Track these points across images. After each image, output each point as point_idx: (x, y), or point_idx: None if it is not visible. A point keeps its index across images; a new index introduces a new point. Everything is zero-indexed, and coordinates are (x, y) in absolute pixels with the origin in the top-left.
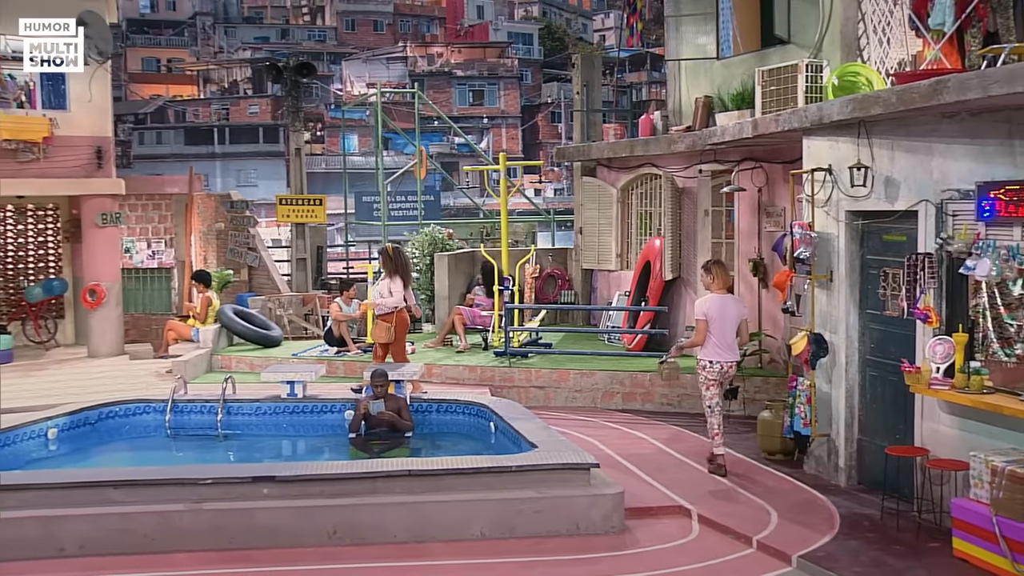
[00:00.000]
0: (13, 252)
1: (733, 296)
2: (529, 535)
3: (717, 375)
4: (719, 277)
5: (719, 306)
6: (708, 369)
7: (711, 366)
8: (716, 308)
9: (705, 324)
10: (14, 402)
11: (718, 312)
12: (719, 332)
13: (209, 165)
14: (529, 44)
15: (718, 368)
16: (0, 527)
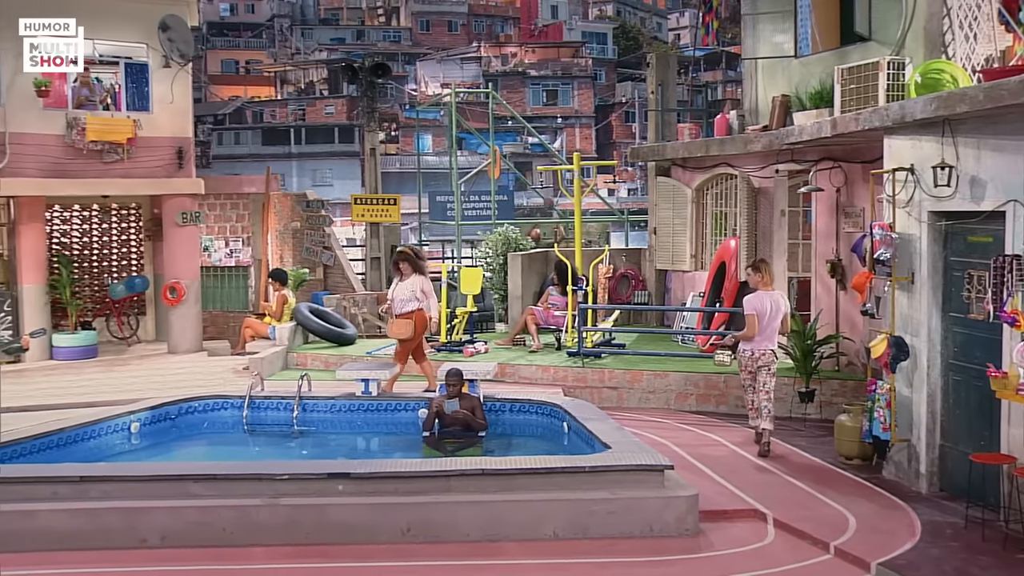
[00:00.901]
0: (98, 250)
1: (779, 292)
2: (602, 536)
3: (748, 361)
4: (767, 275)
5: (768, 302)
6: (741, 355)
7: (744, 353)
8: (766, 304)
9: (756, 319)
10: (98, 396)
11: (767, 308)
12: (766, 325)
13: (286, 165)
14: (603, 44)
15: (749, 355)
16: (85, 517)
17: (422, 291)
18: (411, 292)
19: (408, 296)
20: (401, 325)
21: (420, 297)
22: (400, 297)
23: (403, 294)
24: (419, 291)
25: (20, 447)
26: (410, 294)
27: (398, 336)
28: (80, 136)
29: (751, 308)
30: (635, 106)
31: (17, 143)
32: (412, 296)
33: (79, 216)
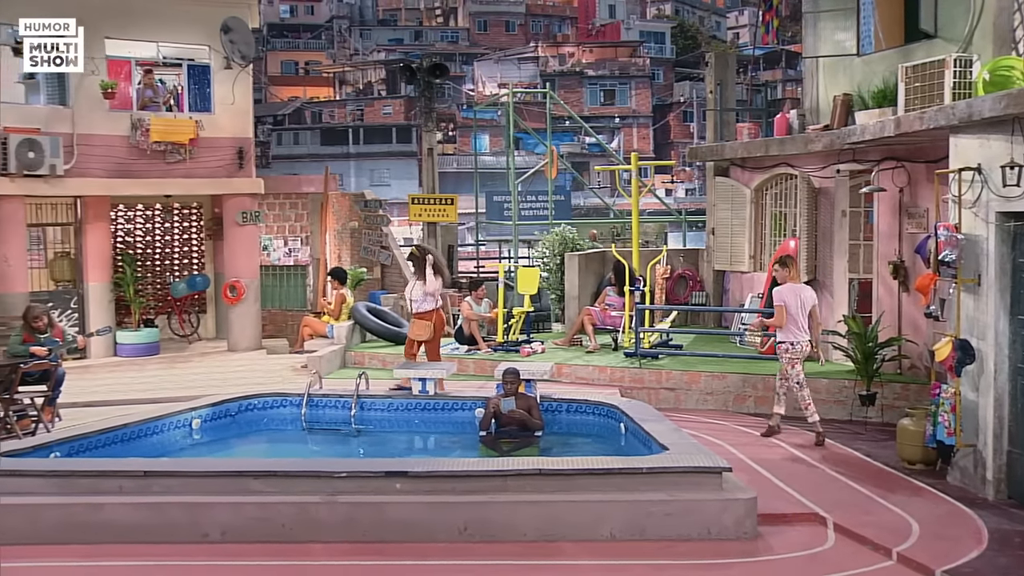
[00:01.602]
0: (160, 249)
1: (805, 285)
2: (659, 538)
3: (799, 354)
4: (793, 269)
5: (794, 294)
6: (791, 351)
7: (793, 347)
8: (792, 296)
9: (784, 309)
10: (160, 392)
11: (794, 299)
12: (795, 316)
13: (344, 165)
14: (661, 43)
15: (799, 348)
16: (148, 511)
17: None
18: (424, 292)
19: (421, 296)
20: (420, 326)
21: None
22: (415, 297)
23: (416, 294)
24: (433, 292)
25: (86, 441)
26: (422, 294)
27: (418, 337)
28: (144, 137)
29: (779, 299)
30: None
31: (84, 144)
32: (425, 296)
33: (142, 215)
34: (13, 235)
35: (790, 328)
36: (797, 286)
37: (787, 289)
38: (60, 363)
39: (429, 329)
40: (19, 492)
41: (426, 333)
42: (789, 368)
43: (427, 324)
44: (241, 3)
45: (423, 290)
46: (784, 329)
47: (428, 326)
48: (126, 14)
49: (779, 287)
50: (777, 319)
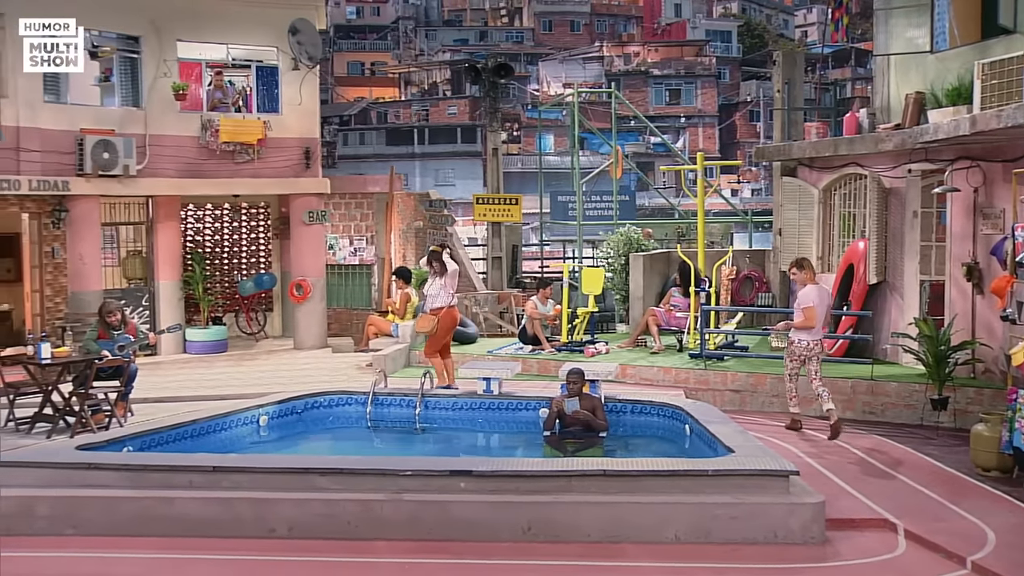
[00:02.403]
0: (228, 248)
1: (823, 286)
2: (725, 541)
3: (803, 351)
4: (810, 270)
5: (820, 295)
6: (796, 345)
7: (799, 343)
8: (818, 296)
9: (814, 310)
10: (228, 389)
11: (819, 299)
12: (819, 317)
13: (409, 165)
14: (728, 42)
15: (805, 344)
16: (218, 506)
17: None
18: (439, 289)
19: (436, 292)
20: (426, 320)
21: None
22: (431, 293)
23: (435, 291)
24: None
25: (157, 436)
26: (440, 290)
27: (422, 331)
28: (214, 137)
29: (809, 301)
30: (760, 105)
31: (156, 144)
32: (439, 292)
33: (211, 215)
34: (88, 234)
35: (816, 328)
36: (819, 287)
37: (813, 290)
38: (132, 360)
39: (433, 324)
40: (95, 485)
41: (429, 327)
42: (791, 361)
43: (432, 319)
44: (308, 5)
45: (440, 284)
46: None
47: (432, 320)
48: (197, 17)
49: (806, 289)
50: (808, 320)
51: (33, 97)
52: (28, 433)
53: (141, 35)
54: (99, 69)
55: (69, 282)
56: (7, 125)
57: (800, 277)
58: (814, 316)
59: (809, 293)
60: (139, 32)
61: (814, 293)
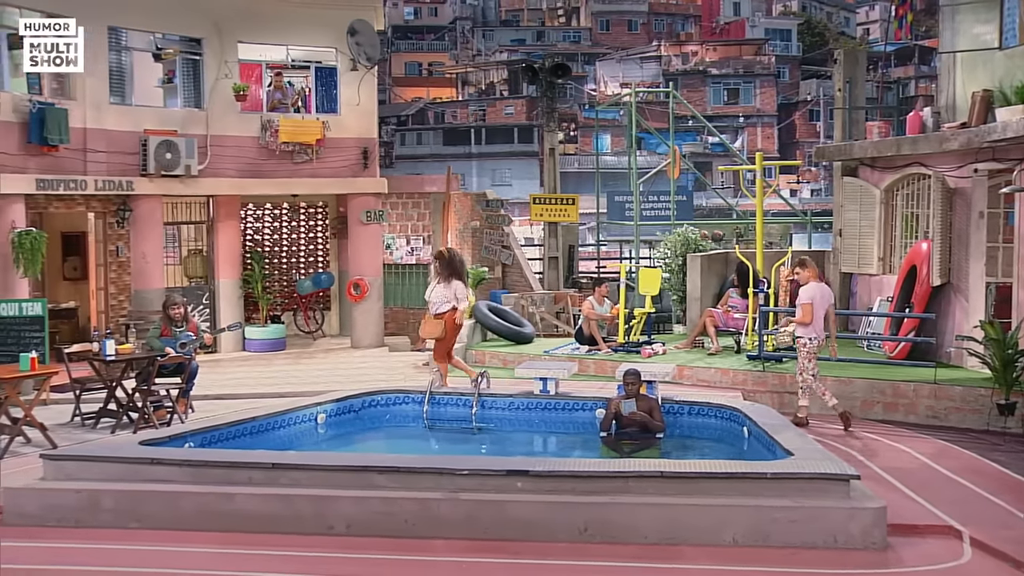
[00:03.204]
0: (287, 247)
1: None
2: (784, 544)
3: (817, 348)
4: (812, 269)
5: (819, 292)
6: (809, 345)
7: (811, 342)
8: (818, 294)
9: (811, 307)
10: (286, 387)
11: (819, 297)
12: (818, 313)
13: (466, 165)
14: (787, 40)
15: (816, 343)
16: (277, 503)
17: (456, 296)
18: (443, 296)
19: (442, 299)
20: (433, 325)
21: (454, 300)
22: (436, 299)
23: (439, 297)
24: (452, 296)
25: (218, 433)
26: (443, 297)
27: (430, 336)
28: (273, 137)
29: (807, 298)
30: (820, 104)
31: (217, 145)
32: (445, 299)
33: (270, 214)
34: (151, 233)
35: (814, 324)
36: (820, 285)
37: (814, 288)
38: (193, 357)
39: (441, 329)
40: (158, 479)
41: (438, 332)
42: (807, 362)
43: (439, 324)
44: (367, 6)
45: (445, 295)
46: (809, 326)
47: (440, 325)
48: (258, 19)
49: (806, 286)
50: (806, 316)
51: (100, 99)
52: (93, 428)
53: (203, 37)
54: (162, 71)
55: (132, 280)
56: (75, 127)
57: (803, 276)
58: (810, 312)
59: (810, 290)
60: (201, 34)
61: (815, 291)
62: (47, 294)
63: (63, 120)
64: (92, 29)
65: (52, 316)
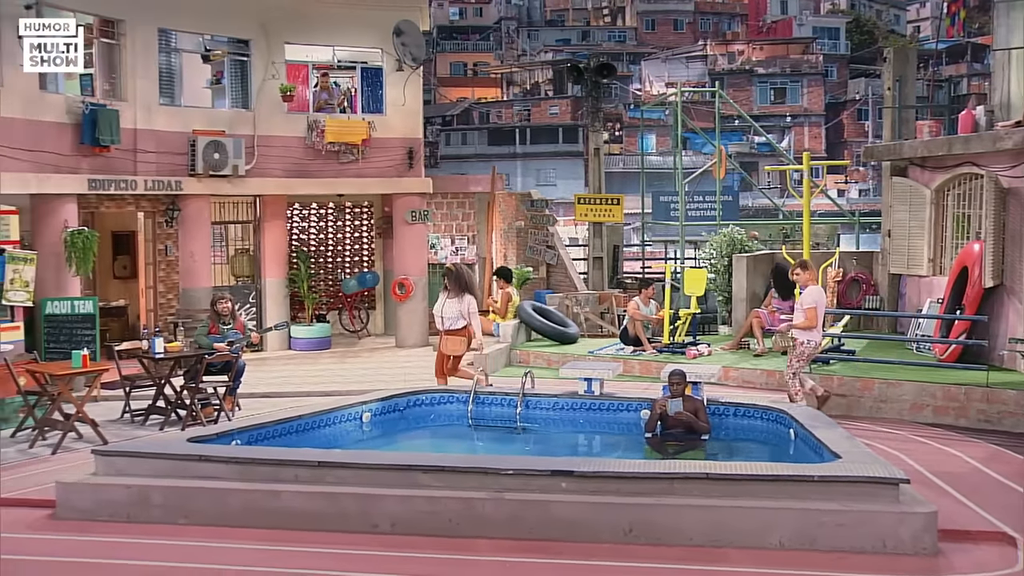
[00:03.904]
0: (332, 247)
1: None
2: (831, 548)
3: (813, 351)
4: (813, 271)
5: (821, 296)
6: (807, 348)
7: (809, 345)
8: (821, 297)
9: (815, 311)
10: (331, 386)
11: (822, 300)
12: (821, 317)
13: (510, 165)
14: (835, 39)
15: (814, 345)
16: (323, 500)
17: (468, 312)
18: (458, 311)
19: (456, 315)
20: (456, 342)
21: (467, 317)
22: (449, 315)
23: (451, 312)
24: (466, 311)
25: (264, 431)
26: (457, 313)
27: (452, 352)
28: (319, 138)
29: (812, 301)
30: (868, 103)
31: (264, 145)
32: (459, 315)
33: (316, 214)
34: (199, 232)
35: (816, 328)
36: (819, 288)
37: (817, 291)
38: (240, 355)
39: (464, 345)
40: (206, 476)
41: (461, 349)
42: (796, 361)
43: (462, 340)
44: (412, 6)
45: (459, 310)
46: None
47: (463, 342)
48: (304, 20)
49: (810, 289)
50: (811, 320)
51: (150, 100)
52: (142, 424)
53: (251, 38)
54: (211, 72)
55: (180, 279)
56: (126, 128)
57: (803, 278)
58: (815, 317)
59: (812, 294)
60: (249, 35)
61: (816, 294)
62: (98, 292)
63: (114, 121)
64: (143, 31)
65: (102, 314)
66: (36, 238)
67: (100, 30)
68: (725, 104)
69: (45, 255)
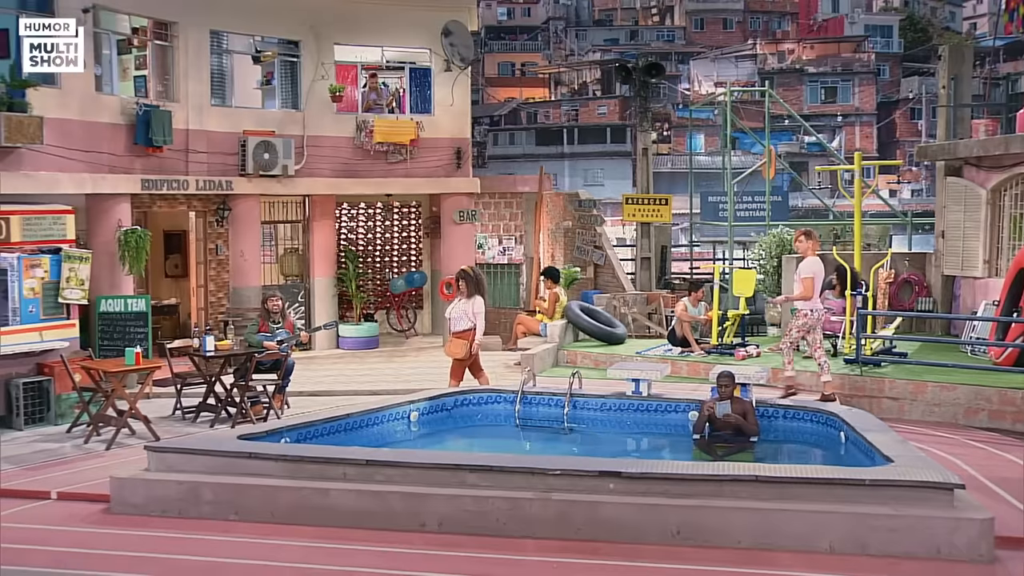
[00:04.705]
0: (380, 246)
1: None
2: (883, 554)
3: (816, 320)
4: (816, 241)
5: (819, 267)
6: (810, 316)
7: (812, 314)
8: (819, 267)
9: (812, 281)
10: (379, 385)
11: (820, 270)
12: (819, 287)
13: (558, 165)
14: (888, 37)
15: (816, 316)
16: (371, 499)
17: (474, 312)
18: (464, 312)
19: (461, 315)
20: (458, 345)
21: (471, 318)
22: (455, 316)
23: (458, 313)
24: (471, 312)
25: (313, 429)
26: (463, 314)
27: (454, 355)
28: (368, 138)
29: (809, 272)
30: (922, 102)
31: (313, 145)
32: (465, 316)
33: (364, 213)
34: (249, 232)
35: (814, 298)
36: (817, 259)
37: (815, 262)
38: (289, 354)
39: (465, 348)
40: (256, 473)
41: (462, 352)
42: (795, 332)
43: (464, 343)
44: (461, 7)
45: (464, 310)
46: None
47: (465, 345)
48: (354, 21)
49: (808, 259)
50: (807, 291)
51: (201, 101)
52: (193, 422)
53: (301, 39)
54: (261, 73)
55: (230, 278)
56: (178, 128)
57: (804, 247)
58: (812, 287)
59: (810, 264)
60: (299, 36)
61: (815, 264)
62: (150, 291)
63: (167, 122)
64: (195, 33)
65: (154, 312)
66: (91, 237)
67: (154, 32)
68: (775, 103)
69: (99, 254)
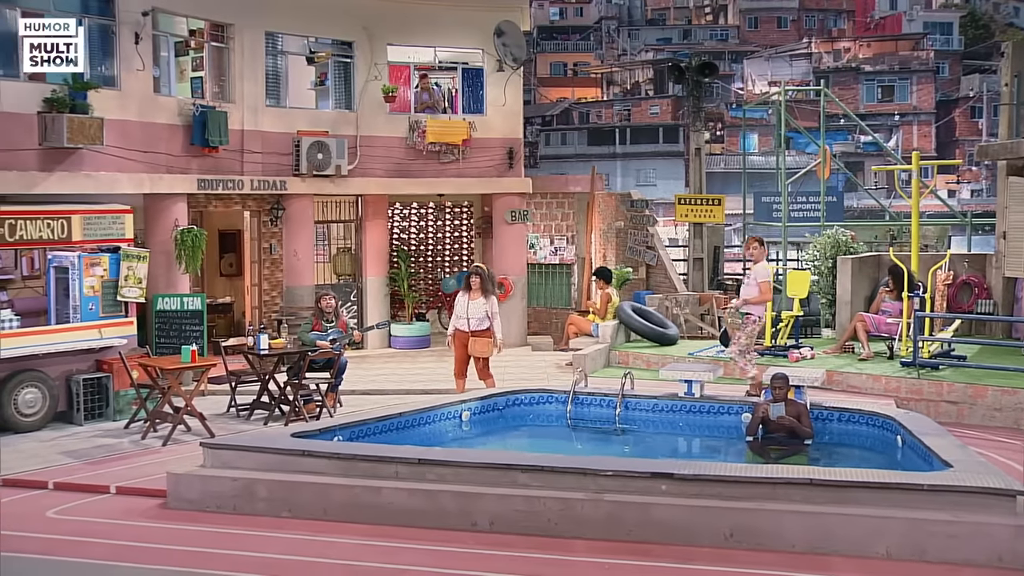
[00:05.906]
0: (432, 246)
1: None
2: (941, 560)
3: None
4: (765, 250)
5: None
6: (759, 323)
7: (760, 320)
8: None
9: (769, 284)
10: (431, 384)
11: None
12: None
13: (610, 165)
14: (947, 34)
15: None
16: (422, 498)
17: (492, 312)
18: (484, 311)
19: (483, 315)
20: (484, 343)
21: (491, 317)
22: (476, 315)
23: (478, 312)
24: (490, 311)
25: (365, 427)
26: (484, 313)
27: (482, 354)
28: (420, 138)
29: (765, 275)
30: (983, 100)
31: (366, 145)
32: (486, 315)
33: (416, 213)
34: (302, 231)
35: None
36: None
37: (769, 267)
38: (342, 352)
39: (491, 347)
40: (309, 471)
41: (489, 351)
42: (745, 338)
43: (489, 342)
44: (513, 7)
45: (485, 309)
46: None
47: (490, 344)
48: (407, 21)
49: (761, 264)
50: (765, 294)
51: (256, 102)
52: (247, 419)
53: (354, 40)
54: (315, 74)
55: (284, 277)
56: (233, 129)
57: (759, 253)
58: (770, 290)
59: (766, 268)
60: (352, 37)
61: (769, 269)
62: (205, 289)
63: (223, 122)
64: (250, 35)
65: (209, 311)
66: (148, 236)
67: (210, 34)
68: (830, 103)
69: (156, 253)
